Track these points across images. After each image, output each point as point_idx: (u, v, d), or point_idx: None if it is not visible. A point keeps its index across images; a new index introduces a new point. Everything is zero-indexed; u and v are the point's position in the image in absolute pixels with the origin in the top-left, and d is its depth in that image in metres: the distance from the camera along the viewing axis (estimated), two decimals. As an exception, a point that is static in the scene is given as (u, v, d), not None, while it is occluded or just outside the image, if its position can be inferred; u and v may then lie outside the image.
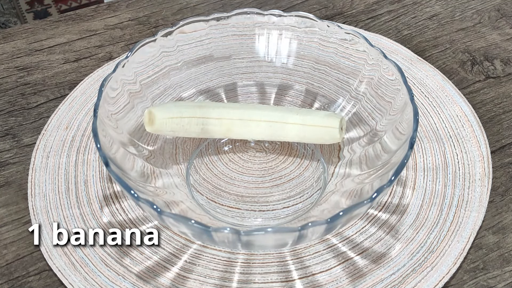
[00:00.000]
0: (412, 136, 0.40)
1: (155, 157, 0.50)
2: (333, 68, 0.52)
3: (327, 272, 0.44)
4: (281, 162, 0.53)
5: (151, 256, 0.45)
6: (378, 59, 0.47)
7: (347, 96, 0.52)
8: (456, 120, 0.55)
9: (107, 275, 0.44)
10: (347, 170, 0.50)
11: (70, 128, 0.55)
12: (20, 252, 0.46)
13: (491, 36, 0.65)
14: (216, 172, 0.52)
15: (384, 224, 0.47)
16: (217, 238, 0.37)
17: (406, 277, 0.44)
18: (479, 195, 0.49)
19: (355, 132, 0.51)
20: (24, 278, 0.45)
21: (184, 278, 0.44)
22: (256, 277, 0.44)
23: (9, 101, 0.59)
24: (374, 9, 0.70)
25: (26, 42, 0.65)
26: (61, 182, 0.50)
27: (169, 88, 0.53)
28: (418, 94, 0.58)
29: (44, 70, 0.62)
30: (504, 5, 0.69)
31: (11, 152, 0.54)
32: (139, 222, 0.47)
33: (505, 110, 0.57)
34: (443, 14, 0.69)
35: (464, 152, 0.52)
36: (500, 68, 0.62)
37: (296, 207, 0.49)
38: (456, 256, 0.45)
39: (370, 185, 0.43)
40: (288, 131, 0.48)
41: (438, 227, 0.47)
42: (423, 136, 0.54)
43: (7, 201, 0.50)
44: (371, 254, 0.45)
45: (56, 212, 0.48)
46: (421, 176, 0.51)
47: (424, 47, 0.64)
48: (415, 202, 0.49)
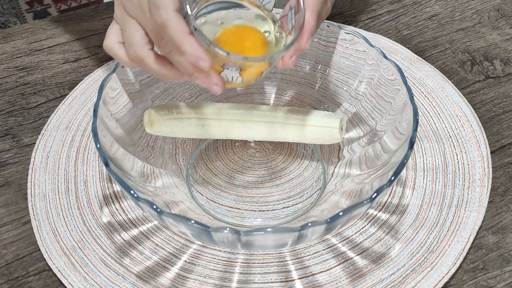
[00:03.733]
0: (412, 136, 0.40)
1: (155, 157, 0.50)
2: (333, 68, 0.52)
3: (327, 272, 0.44)
4: (281, 162, 0.53)
5: (151, 256, 0.45)
6: (378, 59, 0.47)
7: (347, 96, 0.52)
8: (456, 120, 0.55)
9: (107, 275, 0.44)
10: (347, 170, 0.50)
11: (70, 128, 0.55)
12: (20, 252, 0.46)
13: (491, 36, 0.65)
14: (216, 172, 0.52)
15: (384, 224, 0.47)
16: (217, 238, 0.37)
17: (406, 277, 0.44)
18: (479, 195, 0.49)
19: (355, 132, 0.51)
20: (24, 278, 0.45)
21: (184, 278, 0.44)
22: (256, 277, 0.44)
23: (9, 101, 0.59)
24: (374, 9, 0.70)
25: (26, 42, 0.65)
26: (60, 182, 0.50)
27: (169, 88, 0.53)
28: (418, 94, 0.58)
29: (44, 70, 0.62)
30: (504, 5, 0.70)
31: (11, 152, 0.54)
32: (138, 222, 0.47)
33: (505, 110, 0.57)
34: (443, 14, 0.69)
35: (464, 152, 0.52)
36: (500, 68, 0.62)
37: (296, 207, 0.49)
38: (456, 256, 0.45)
39: (370, 185, 0.43)
40: (288, 131, 0.48)
41: (438, 227, 0.47)
42: (423, 136, 0.54)
43: (7, 201, 0.50)
44: (371, 254, 0.45)
45: (56, 212, 0.48)
46: (421, 176, 0.51)
47: (424, 47, 0.64)
48: (415, 202, 0.49)
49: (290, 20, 0.41)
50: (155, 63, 0.39)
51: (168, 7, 0.36)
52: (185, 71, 0.38)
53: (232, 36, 0.41)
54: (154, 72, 0.39)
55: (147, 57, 0.39)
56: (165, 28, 0.36)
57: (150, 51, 0.39)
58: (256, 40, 0.41)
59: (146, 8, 0.37)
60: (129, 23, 0.39)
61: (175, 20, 0.36)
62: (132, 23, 0.39)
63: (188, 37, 0.36)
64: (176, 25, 0.36)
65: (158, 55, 0.39)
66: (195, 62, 0.36)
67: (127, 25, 0.39)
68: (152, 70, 0.39)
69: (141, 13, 0.38)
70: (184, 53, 0.36)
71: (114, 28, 0.41)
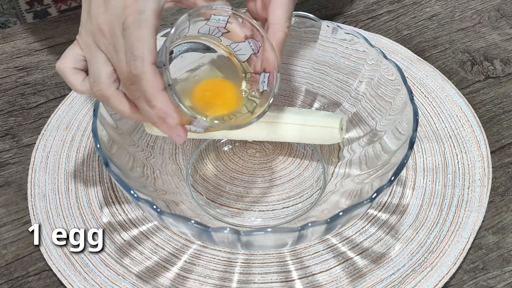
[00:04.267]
0: (412, 136, 0.40)
1: (155, 157, 0.50)
2: (333, 68, 0.52)
3: (327, 272, 0.44)
4: (281, 162, 0.53)
5: (151, 256, 0.45)
6: (378, 59, 0.47)
7: (347, 96, 0.52)
8: (456, 120, 0.55)
9: (107, 275, 0.44)
10: (347, 170, 0.50)
11: (69, 128, 0.55)
12: (20, 252, 0.46)
13: (490, 36, 0.65)
14: (216, 172, 0.52)
15: (384, 224, 0.47)
16: (217, 238, 0.37)
17: (406, 277, 0.44)
18: (479, 195, 0.49)
19: (355, 132, 0.51)
20: (24, 278, 0.45)
21: (184, 278, 0.44)
22: (256, 277, 0.44)
23: (9, 101, 0.59)
24: (374, 9, 0.70)
25: (25, 42, 0.65)
26: (60, 182, 0.50)
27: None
28: (418, 94, 0.58)
29: (44, 70, 0.62)
30: (504, 5, 0.70)
31: (11, 152, 0.54)
32: (138, 222, 0.47)
33: (505, 110, 0.57)
34: (443, 14, 0.69)
35: (464, 152, 0.52)
36: (500, 68, 0.62)
37: (296, 207, 0.49)
38: (456, 256, 0.45)
39: (370, 185, 0.43)
40: (288, 131, 0.48)
41: (438, 227, 0.47)
42: (422, 136, 0.54)
43: (7, 201, 0.50)
44: (371, 254, 0.45)
45: (55, 212, 0.48)
46: (420, 176, 0.51)
47: (424, 47, 0.64)
48: (415, 202, 0.49)
49: (261, 82, 0.42)
50: (120, 104, 0.38)
51: (146, 60, 0.34)
52: (150, 120, 0.37)
53: (206, 92, 0.42)
54: (116, 111, 0.38)
55: (112, 97, 0.37)
56: (139, 80, 0.35)
57: (116, 91, 0.37)
58: (229, 97, 0.42)
59: (120, 50, 0.35)
60: (97, 57, 0.37)
61: (151, 74, 0.35)
62: (101, 57, 0.37)
63: (161, 93, 0.35)
64: (151, 80, 0.35)
65: (124, 96, 0.38)
66: (163, 117, 0.35)
67: (94, 58, 0.37)
68: (115, 109, 0.38)
69: (114, 53, 0.36)
70: (154, 107, 0.35)
71: (73, 51, 0.39)
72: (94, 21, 0.37)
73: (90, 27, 0.37)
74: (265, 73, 0.41)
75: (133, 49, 0.34)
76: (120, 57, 0.36)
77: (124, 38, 0.35)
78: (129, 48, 0.35)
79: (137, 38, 0.34)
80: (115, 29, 0.35)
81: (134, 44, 0.34)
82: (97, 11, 0.36)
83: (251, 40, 0.42)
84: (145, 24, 0.35)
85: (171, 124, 0.36)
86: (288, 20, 0.41)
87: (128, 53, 0.35)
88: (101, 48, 0.37)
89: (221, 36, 0.42)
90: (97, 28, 0.36)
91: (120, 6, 0.35)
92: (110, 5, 0.36)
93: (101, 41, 0.37)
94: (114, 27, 0.36)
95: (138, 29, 0.35)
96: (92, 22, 0.37)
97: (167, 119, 0.35)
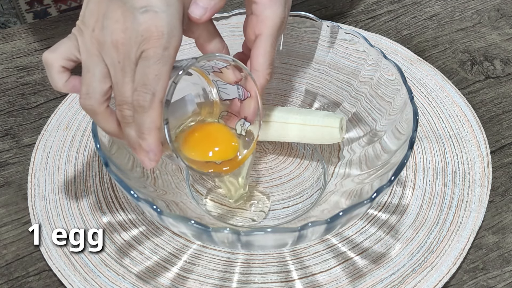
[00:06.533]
0: (412, 136, 0.40)
1: (155, 157, 0.50)
2: (333, 68, 0.52)
3: (327, 272, 0.44)
4: (281, 162, 0.53)
5: (151, 256, 0.45)
6: (377, 59, 0.47)
7: (347, 96, 0.52)
8: (456, 120, 0.55)
9: (107, 275, 0.44)
10: (346, 170, 0.50)
11: (69, 128, 0.55)
12: (20, 252, 0.46)
13: (490, 36, 0.65)
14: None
15: (384, 224, 0.47)
16: (217, 238, 0.37)
17: (406, 277, 0.44)
18: (479, 195, 0.49)
19: (355, 132, 0.51)
20: (24, 278, 0.45)
21: (184, 278, 0.44)
22: (256, 277, 0.44)
23: (9, 101, 0.59)
24: (374, 9, 0.70)
25: (26, 42, 0.65)
26: (60, 182, 0.50)
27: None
28: (418, 94, 0.58)
29: (43, 70, 0.62)
30: (504, 5, 0.70)
31: (11, 152, 0.54)
32: (138, 222, 0.47)
33: (505, 110, 0.57)
34: (443, 14, 0.69)
35: (464, 152, 0.52)
36: (500, 68, 0.62)
37: (296, 207, 0.49)
38: (456, 256, 0.45)
39: (370, 185, 0.43)
40: (288, 131, 0.48)
41: (438, 227, 0.47)
42: (422, 136, 0.54)
43: (7, 201, 0.50)
44: (371, 254, 0.45)
45: (55, 212, 0.48)
46: (420, 176, 0.51)
47: (424, 47, 0.64)
48: (415, 202, 0.49)
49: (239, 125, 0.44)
50: (106, 123, 0.37)
51: (157, 96, 0.34)
52: (130, 144, 0.37)
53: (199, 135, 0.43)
54: (100, 126, 0.38)
55: (101, 114, 0.37)
56: (142, 111, 0.34)
57: (106, 109, 0.37)
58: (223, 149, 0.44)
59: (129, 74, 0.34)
60: (96, 68, 0.35)
61: (156, 112, 0.34)
62: (101, 70, 0.35)
63: (157, 131, 0.35)
64: (154, 117, 0.35)
65: (112, 115, 0.37)
66: (147, 151, 0.36)
67: (93, 68, 0.36)
68: (98, 124, 0.38)
69: (121, 73, 0.35)
70: (143, 140, 0.35)
71: (66, 47, 0.37)
72: (107, 33, 0.35)
73: (99, 35, 0.35)
74: (246, 121, 0.43)
75: (147, 81, 0.34)
76: (126, 80, 0.35)
77: (139, 66, 0.34)
78: (142, 78, 0.34)
79: (155, 73, 0.34)
80: (130, 53, 0.34)
81: (149, 77, 0.34)
82: (114, 26, 0.34)
83: (241, 88, 0.42)
84: (166, 61, 0.34)
85: (151, 159, 0.36)
86: (270, 67, 0.42)
87: (140, 83, 0.34)
88: (106, 61, 0.35)
89: (212, 72, 0.42)
90: (109, 41, 0.35)
91: (143, 34, 0.34)
92: (130, 27, 0.34)
93: (109, 55, 0.35)
94: (130, 51, 0.34)
95: (158, 64, 0.34)
96: (104, 34, 0.35)
97: (149, 154, 0.36)
